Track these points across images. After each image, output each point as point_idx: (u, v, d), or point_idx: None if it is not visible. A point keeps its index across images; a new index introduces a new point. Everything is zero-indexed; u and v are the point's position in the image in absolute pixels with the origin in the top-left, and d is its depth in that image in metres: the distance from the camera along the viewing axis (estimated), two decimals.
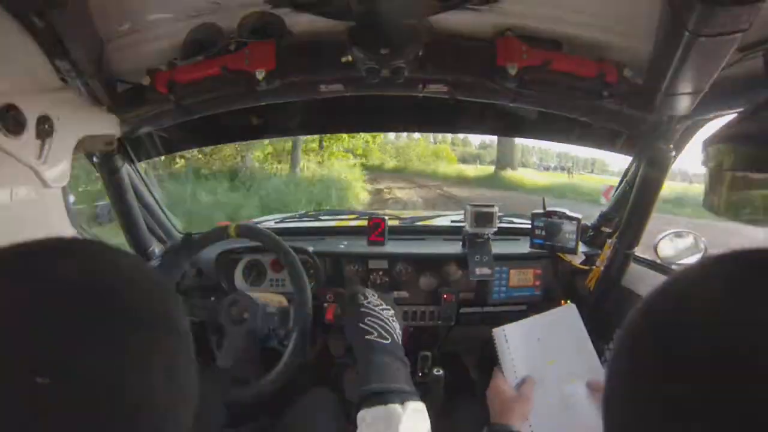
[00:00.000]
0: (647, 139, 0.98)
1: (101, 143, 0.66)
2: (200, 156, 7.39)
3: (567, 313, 0.97)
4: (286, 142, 8.64)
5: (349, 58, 0.85)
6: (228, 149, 7.56)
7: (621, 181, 1.23)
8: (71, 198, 0.85)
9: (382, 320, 0.77)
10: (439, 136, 14.97)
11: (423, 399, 0.64)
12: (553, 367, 0.90)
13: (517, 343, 0.93)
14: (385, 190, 10.39)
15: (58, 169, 0.52)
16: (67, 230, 0.81)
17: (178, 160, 6.54)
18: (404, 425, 0.59)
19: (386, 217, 1.35)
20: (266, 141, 7.67)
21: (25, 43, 0.50)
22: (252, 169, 7.96)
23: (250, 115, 1.05)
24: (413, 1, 0.79)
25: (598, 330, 0.96)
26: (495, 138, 11.36)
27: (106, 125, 0.65)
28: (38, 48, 0.54)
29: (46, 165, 0.48)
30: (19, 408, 0.26)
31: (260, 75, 0.85)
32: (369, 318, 0.77)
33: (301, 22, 0.87)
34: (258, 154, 8.63)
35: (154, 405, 0.32)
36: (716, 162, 0.60)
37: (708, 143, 0.61)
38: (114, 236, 1.24)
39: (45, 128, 0.47)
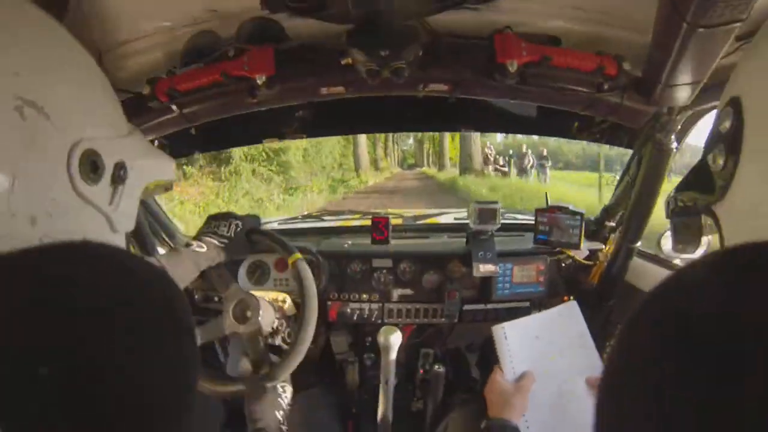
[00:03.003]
0: (648, 132, 0.98)
1: (161, 188, 0.67)
2: None
3: (568, 310, 0.98)
4: None
5: (349, 60, 0.85)
6: None
7: (623, 175, 1.22)
8: None
9: None
10: None
11: (424, 396, 0.62)
12: (552, 363, 0.90)
13: (516, 340, 0.93)
14: None
15: (127, 214, 0.52)
16: None
17: None
18: None
19: (389, 216, 1.35)
20: None
21: (102, 85, 0.49)
22: None
23: (251, 119, 1.05)
24: (411, 2, 0.79)
25: (602, 325, 0.96)
26: None
27: (167, 170, 0.65)
28: (112, 93, 0.52)
29: (118, 211, 0.48)
30: (21, 398, 0.26)
31: (260, 80, 0.86)
32: None
33: (299, 26, 0.87)
34: None
35: (159, 403, 0.32)
36: None
37: None
38: None
39: (120, 174, 0.47)
